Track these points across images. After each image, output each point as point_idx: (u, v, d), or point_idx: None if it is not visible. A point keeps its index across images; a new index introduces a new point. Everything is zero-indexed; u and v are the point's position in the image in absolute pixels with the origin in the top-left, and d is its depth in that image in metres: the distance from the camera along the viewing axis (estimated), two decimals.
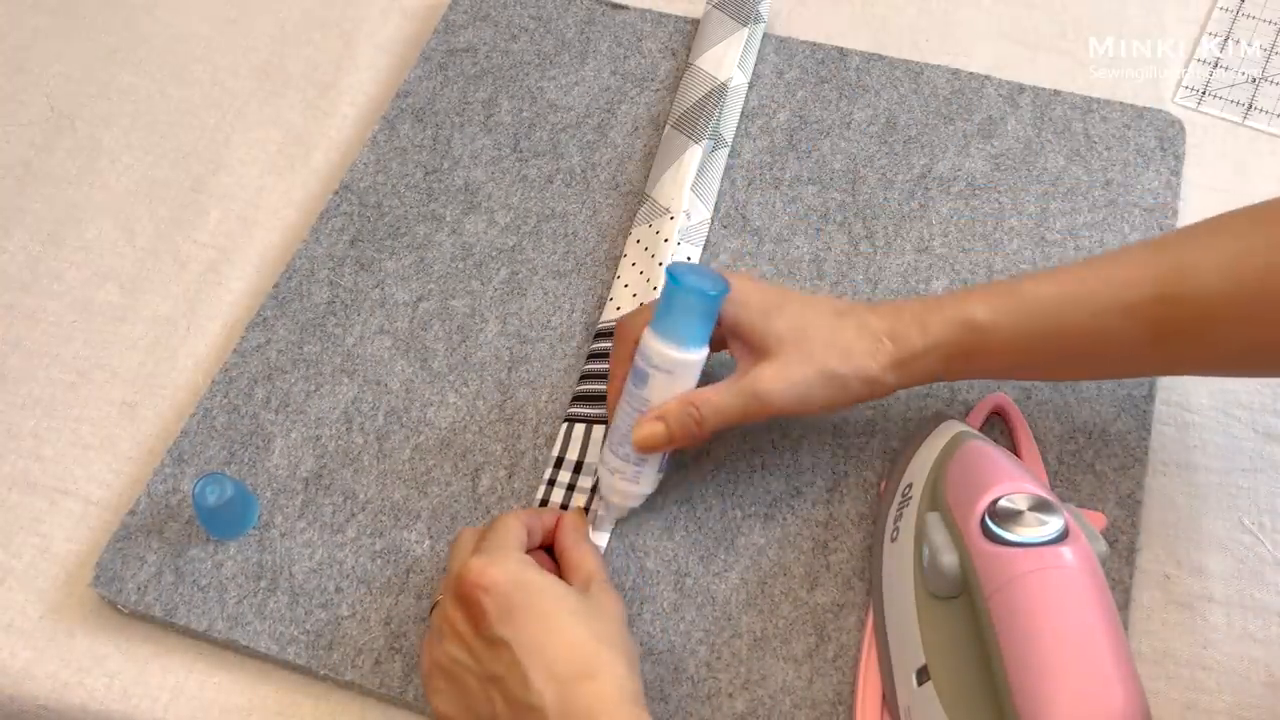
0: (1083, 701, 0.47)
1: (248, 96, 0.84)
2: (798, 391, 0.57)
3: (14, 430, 0.69)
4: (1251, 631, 0.60)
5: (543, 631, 0.52)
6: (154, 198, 0.79)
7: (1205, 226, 0.57)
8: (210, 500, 0.61)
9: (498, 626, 0.52)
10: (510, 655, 0.52)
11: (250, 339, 0.71)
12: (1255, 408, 0.67)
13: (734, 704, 0.58)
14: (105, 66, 0.86)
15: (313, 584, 0.62)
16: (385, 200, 0.76)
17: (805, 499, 0.63)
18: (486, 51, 0.84)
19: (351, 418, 0.67)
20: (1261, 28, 0.84)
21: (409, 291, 0.72)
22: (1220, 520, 0.63)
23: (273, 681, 0.60)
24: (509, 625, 0.52)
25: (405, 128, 0.80)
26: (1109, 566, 0.60)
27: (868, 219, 0.73)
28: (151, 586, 0.62)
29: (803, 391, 0.57)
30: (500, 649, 0.52)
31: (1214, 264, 0.54)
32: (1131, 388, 0.66)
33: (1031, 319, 0.57)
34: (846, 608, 0.60)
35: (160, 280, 0.75)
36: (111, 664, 0.61)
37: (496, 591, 0.53)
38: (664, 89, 0.81)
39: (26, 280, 0.76)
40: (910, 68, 0.80)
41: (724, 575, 0.61)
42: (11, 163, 0.82)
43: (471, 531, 0.59)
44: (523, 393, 0.68)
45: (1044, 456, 0.63)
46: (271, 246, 0.76)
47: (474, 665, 0.53)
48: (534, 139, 0.79)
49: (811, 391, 0.58)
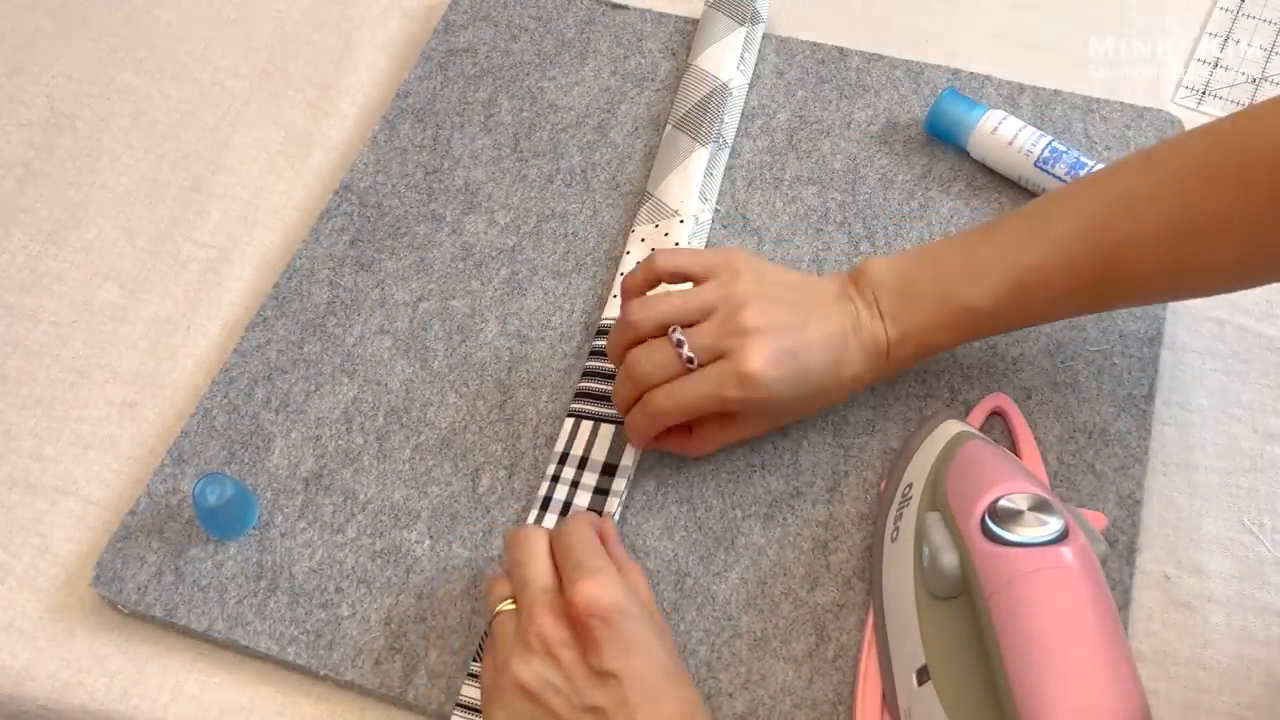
0: (1083, 701, 0.47)
1: (248, 96, 0.84)
2: (790, 371, 0.58)
3: (14, 430, 0.69)
4: (1251, 631, 0.60)
5: (647, 667, 0.51)
6: (154, 198, 0.79)
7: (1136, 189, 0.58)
8: (210, 500, 0.61)
9: (608, 659, 0.51)
10: (619, 691, 0.50)
11: (250, 339, 0.71)
12: (1255, 408, 0.67)
13: (734, 704, 0.58)
14: (105, 66, 0.87)
15: (313, 584, 0.62)
16: (385, 200, 0.76)
17: (805, 499, 0.63)
18: (486, 51, 0.84)
19: (351, 418, 0.67)
20: (1261, 28, 0.84)
21: (409, 291, 0.72)
22: (1220, 520, 0.63)
23: (273, 681, 0.60)
24: (620, 659, 0.51)
25: (405, 128, 0.80)
26: (1109, 566, 0.60)
27: (868, 219, 0.73)
28: (151, 586, 0.62)
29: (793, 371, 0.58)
30: (609, 682, 0.50)
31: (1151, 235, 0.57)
32: (1131, 387, 0.66)
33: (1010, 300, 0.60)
34: (846, 608, 0.60)
35: (160, 280, 0.75)
36: (111, 664, 0.61)
37: (611, 622, 0.51)
38: (664, 89, 0.81)
39: (26, 280, 0.76)
40: (910, 68, 0.80)
41: (724, 575, 0.61)
42: (11, 163, 0.82)
43: (542, 534, 0.57)
44: (523, 393, 0.68)
45: (1044, 456, 0.63)
46: (271, 246, 0.76)
47: (571, 693, 0.51)
48: (534, 139, 0.79)
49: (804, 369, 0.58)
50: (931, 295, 0.60)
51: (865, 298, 0.61)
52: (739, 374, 0.57)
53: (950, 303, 0.59)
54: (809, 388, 0.59)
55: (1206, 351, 0.69)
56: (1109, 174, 0.60)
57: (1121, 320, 0.68)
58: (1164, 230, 0.56)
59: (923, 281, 0.60)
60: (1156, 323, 0.68)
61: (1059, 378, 0.66)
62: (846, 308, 0.60)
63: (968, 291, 0.59)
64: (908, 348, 0.61)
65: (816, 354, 0.59)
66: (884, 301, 0.60)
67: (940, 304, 0.60)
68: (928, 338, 0.60)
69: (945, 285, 0.60)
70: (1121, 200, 0.58)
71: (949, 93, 0.75)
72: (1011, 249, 0.59)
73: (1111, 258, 0.57)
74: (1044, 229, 0.59)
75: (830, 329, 0.59)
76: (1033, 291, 0.59)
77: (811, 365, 0.59)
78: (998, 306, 0.59)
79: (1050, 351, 0.67)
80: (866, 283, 0.61)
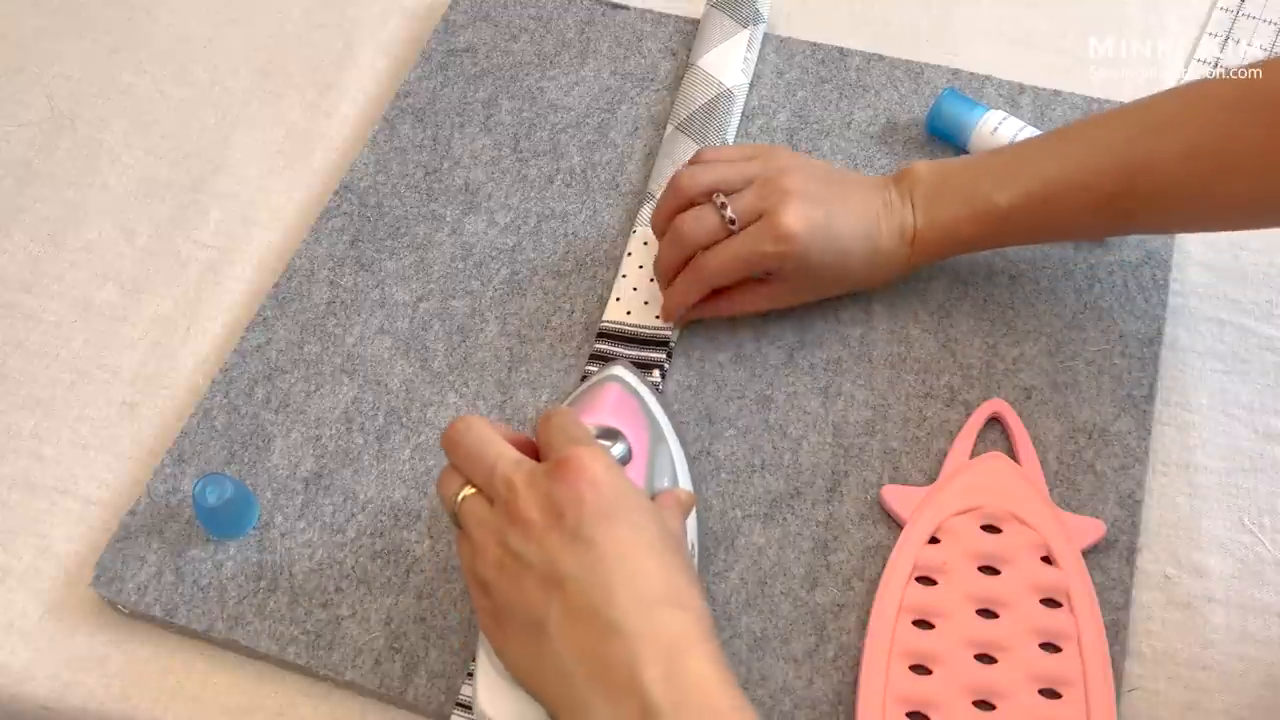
0: None
1: (248, 96, 0.84)
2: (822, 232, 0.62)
3: (14, 430, 0.69)
4: (1251, 631, 0.60)
5: (633, 545, 0.47)
6: (154, 198, 0.79)
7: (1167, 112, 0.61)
8: (210, 500, 0.61)
9: (589, 524, 0.47)
10: (593, 559, 0.46)
11: (250, 339, 0.71)
12: (1255, 408, 0.67)
13: None
14: (105, 66, 0.87)
15: (313, 584, 0.62)
16: (385, 200, 0.76)
17: (805, 499, 0.63)
18: (486, 51, 0.84)
19: (351, 418, 0.67)
20: (1261, 28, 0.84)
21: (409, 291, 0.72)
22: (1220, 520, 0.63)
23: (273, 681, 0.60)
24: (602, 527, 0.47)
25: (405, 128, 0.80)
26: (1109, 566, 0.60)
27: None
28: (151, 586, 0.62)
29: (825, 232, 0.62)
30: (583, 549, 0.46)
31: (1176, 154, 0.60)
32: (1131, 388, 0.66)
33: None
34: (846, 608, 0.60)
35: (160, 280, 0.75)
36: (111, 664, 0.61)
37: (601, 488, 0.48)
38: (664, 89, 0.81)
39: (26, 280, 0.76)
40: (910, 68, 0.80)
41: (724, 575, 0.61)
42: (11, 163, 0.82)
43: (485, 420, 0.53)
44: (523, 393, 0.68)
45: (1044, 457, 0.63)
46: (271, 246, 0.76)
47: (539, 562, 0.47)
48: (534, 139, 0.79)
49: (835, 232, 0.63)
50: (961, 193, 0.64)
51: (901, 190, 0.66)
52: (776, 230, 0.62)
53: (976, 201, 0.64)
54: (839, 253, 0.64)
55: (1206, 351, 0.69)
56: (1140, 103, 0.63)
57: (1121, 320, 0.68)
58: (1188, 151, 0.59)
59: (955, 180, 0.65)
60: (1156, 323, 0.68)
61: (1059, 378, 0.66)
62: (881, 194, 0.65)
63: (995, 193, 0.63)
64: (933, 235, 0.65)
65: (849, 222, 0.64)
66: (917, 194, 0.65)
67: (967, 201, 0.64)
68: (952, 231, 0.65)
69: (975, 185, 0.64)
70: (1150, 123, 0.62)
71: (949, 93, 0.75)
72: (1041, 160, 0.63)
73: (1135, 175, 0.61)
74: (1075, 145, 0.63)
75: (863, 205, 0.64)
76: (1057, 203, 0.62)
77: (843, 232, 0.63)
78: (1021, 212, 0.63)
79: (1050, 351, 0.67)
80: (906, 178, 0.66)
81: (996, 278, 0.71)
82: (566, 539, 0.47)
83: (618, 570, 0.46)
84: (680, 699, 0.43)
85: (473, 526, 0.51)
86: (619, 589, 0.46)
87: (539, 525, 0.48)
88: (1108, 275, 0.70)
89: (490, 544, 0.49)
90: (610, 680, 0.44)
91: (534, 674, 0.48)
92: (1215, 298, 0.71)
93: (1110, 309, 0.69)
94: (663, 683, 0.44)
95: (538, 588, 0.47)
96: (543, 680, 0.48)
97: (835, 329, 0.69)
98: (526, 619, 0.47)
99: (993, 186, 0.63)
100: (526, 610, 0.47)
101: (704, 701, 0.44)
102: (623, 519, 0.48)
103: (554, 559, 0.47)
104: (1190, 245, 0.73)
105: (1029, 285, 0.70)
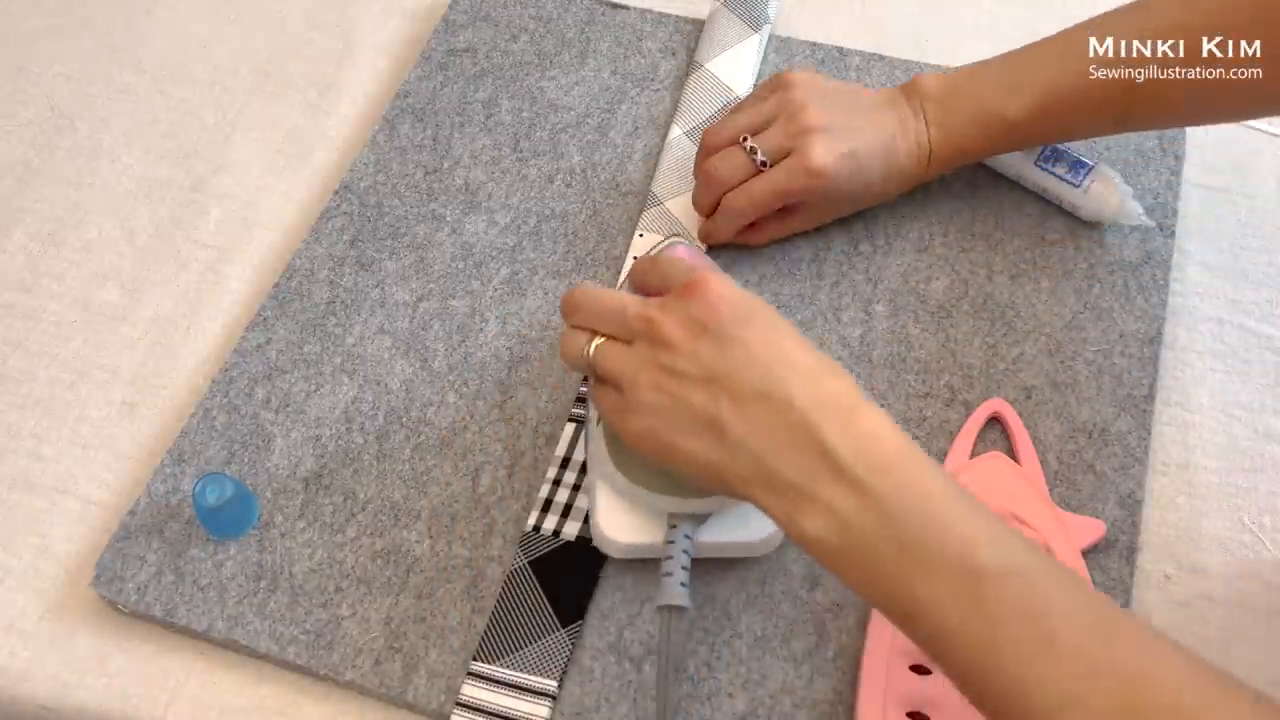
0: None
1: (248, 96, 0.84)
2: (848, 162, 0.66)
3: (14, 430, 0.69)
4: (1251, 631, 0.60)
5: (777, 335, 0.51)
6: (154, 198, 0.79)
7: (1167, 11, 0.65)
8: (210, 500, 0.61)
9: (730, 327, 0.51)
10: (746, 353, 0.50)
11: (250, 339, 0.71)
12: (1255, 408, 0.67)
13: (734, 704, 0.58)
14: (105, 66, 0.87)
15: (313, 584, 0.62)
16: (385, 200, 0.76)
17: None
18: (486, 51, 0.84)
19: (351, 418, 0.67)
20: None
21: (409, 291, 0.72)
22: (1220, 520, 0.63)
23: (273, 681, 0.60)
24: (743, 327, 0.51)
25: (405, 128, 0.80)
26: (1109, 566, 0.60)
27: (867, 218, 0.73)
28: (151, 586, 0.62)
29: (850, 161, 0.66)
30: (734, 347, 0.50)
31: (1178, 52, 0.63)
32: (1131, 388, 0.66)
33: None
34: (846, 608, 0.60)
35: (160, 280, 0.75)
36: (111, 664, 0.61)
37: (731, 297, 0.52)
38: (664, 89, 0.81)
39: (26, 280, 0.76)
40: (910, 68, 0.80)
41: (724, 575, 0.61)
42: (11, 163, 0.82)
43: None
44: (523, 393, 0.68)
45: (1044, 457, 0.63)
46: (271, 246, 0.76)
47: (696, 369, 0.51)
48: (534, 139, 0.79)
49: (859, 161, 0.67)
50: (971, 105, 0.68)
51: (913, 105, 0.69)
52: (806, 168, 0.66)
53: (987, 113, 0.67)
54: (863, 181, 0.68)
55: (1206, 351, 0.69)
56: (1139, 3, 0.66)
57: (1121, 320, 0.68)
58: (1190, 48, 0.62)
59: (964, 93, 0.68)
60: (1156, 323, 0.68)
61: (1059, 378, 0.66)
62: (895, 112, 0.68)
63: (1004, 105, 0.67)
64: (947, 151, 0.69)
65: (871, 148, 0.67)
66: (929, 108, 0.68)
67: (978, 113, 0.67)
68: (966, 143, 0.68)
69: (984, 97, 0.67)
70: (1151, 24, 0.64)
71: None
72: (1047, 69, 0.67)
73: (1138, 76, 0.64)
74: (1077, 50, 0.66)
75: (881, 128, 0.68)
76: (1064, 110, 0.66)
77: (866, 160, 0.67)
78: (1031, 122, 0.67)
79: (1050, 351, 0.67)
80: (915, 93, 0.69)
81: (996, 278, 0.71)
82: (716, 343, 0.51)
83: (771, 355, 0.50)
84: (860, 448, 0.48)
85: (615, 367, 0.54)
86: (778, 369, 0.50)
87: (686, 340, 0.51)
88: (1108, 275, 0.70)
89: (641, 373, 0.52)
90: (793, 445, 0.48)
91: (714, 467, 0.51)
92: (1215, 298, 0.71)
93: (1110, 309, 0.69)
94: (841, 435, 0.48)
95: (701, 390, 0.50)
96: (726, 471, 0.50)
97: (835, 329, 0.69)
98: (698, 421, 0.51)
99: (1002, 99, 0.67)
100: (696, 413, 0.51)
101: (879, 448, 0.48)
102: (759, 319, 0.52)
103: (709, 363, 0.51)
104: (1190, 245, 0.73)
105: (1029, 285, 0.70)
